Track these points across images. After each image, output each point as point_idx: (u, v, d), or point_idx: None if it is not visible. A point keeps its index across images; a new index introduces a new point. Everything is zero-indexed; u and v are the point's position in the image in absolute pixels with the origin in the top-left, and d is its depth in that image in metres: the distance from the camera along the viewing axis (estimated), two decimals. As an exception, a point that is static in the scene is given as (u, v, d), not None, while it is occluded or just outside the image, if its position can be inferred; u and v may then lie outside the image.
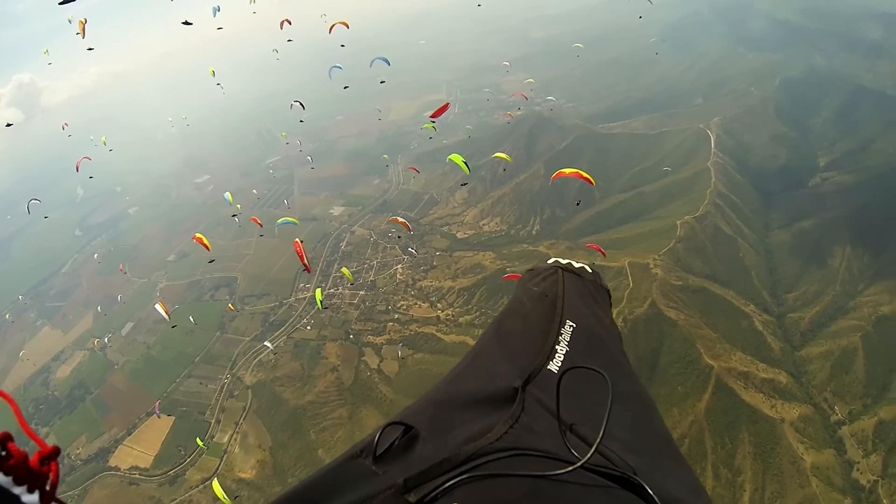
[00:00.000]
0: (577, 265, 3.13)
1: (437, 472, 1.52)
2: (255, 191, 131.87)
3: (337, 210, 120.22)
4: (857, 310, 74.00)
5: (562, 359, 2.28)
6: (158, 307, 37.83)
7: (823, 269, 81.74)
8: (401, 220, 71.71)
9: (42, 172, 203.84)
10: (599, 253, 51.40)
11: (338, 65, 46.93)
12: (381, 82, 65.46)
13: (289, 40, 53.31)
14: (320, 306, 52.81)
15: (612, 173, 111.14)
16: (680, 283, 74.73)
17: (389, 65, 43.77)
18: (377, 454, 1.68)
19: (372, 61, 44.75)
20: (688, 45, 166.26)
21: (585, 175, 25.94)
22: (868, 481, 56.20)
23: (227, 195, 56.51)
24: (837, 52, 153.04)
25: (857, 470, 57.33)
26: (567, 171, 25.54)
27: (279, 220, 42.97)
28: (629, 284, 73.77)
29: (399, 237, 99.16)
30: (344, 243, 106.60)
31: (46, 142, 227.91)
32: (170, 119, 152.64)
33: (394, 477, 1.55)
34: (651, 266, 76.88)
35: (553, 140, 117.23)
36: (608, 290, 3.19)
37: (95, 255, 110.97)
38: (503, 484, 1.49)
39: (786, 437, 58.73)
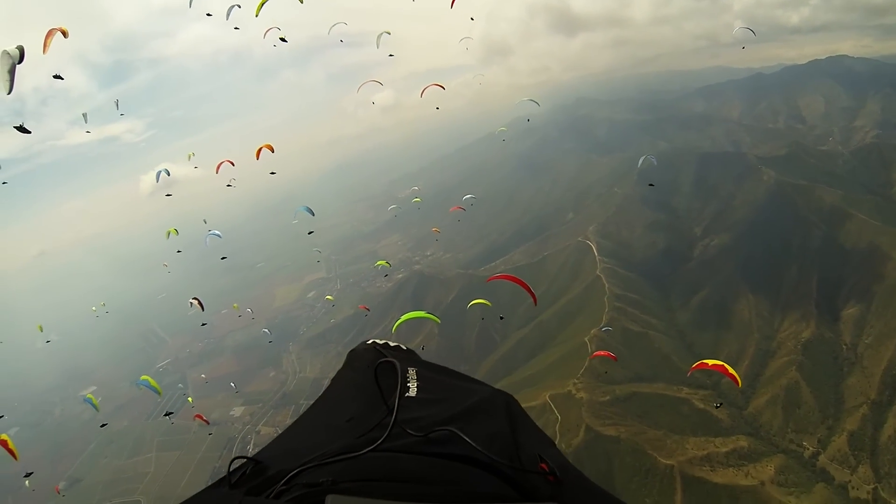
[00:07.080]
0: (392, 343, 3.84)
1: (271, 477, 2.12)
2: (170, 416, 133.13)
3: (237, 411, 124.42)
4: (782, 346, 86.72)
5: (417, 387, 2.90)
6: None
7: (736, 326, 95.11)
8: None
9: None
10: (610, 358, 55.39)
11: (216, 231, 52.25)
12: (310, 232, 75.47)
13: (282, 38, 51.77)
14: None
15: (505, 311, 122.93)
16: (608, 397, 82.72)
17: (314, 214, 50.09)
18: (232, 482, 2.21)
19: (296, 212, 51.61)
20: (545, 168, 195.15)
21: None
22: (867, 493, 63.75)
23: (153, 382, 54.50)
24: (676, 132, 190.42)
25: (853, 487, 64.83)
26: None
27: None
28: (557, 418, 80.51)
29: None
30: (251, 446, 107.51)
31: None
32: (102, 304, 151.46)
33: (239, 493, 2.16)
34: (573, 392, 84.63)
35: (439, 295, 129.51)
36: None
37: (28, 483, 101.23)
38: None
39: (773, 497, 64.31)
